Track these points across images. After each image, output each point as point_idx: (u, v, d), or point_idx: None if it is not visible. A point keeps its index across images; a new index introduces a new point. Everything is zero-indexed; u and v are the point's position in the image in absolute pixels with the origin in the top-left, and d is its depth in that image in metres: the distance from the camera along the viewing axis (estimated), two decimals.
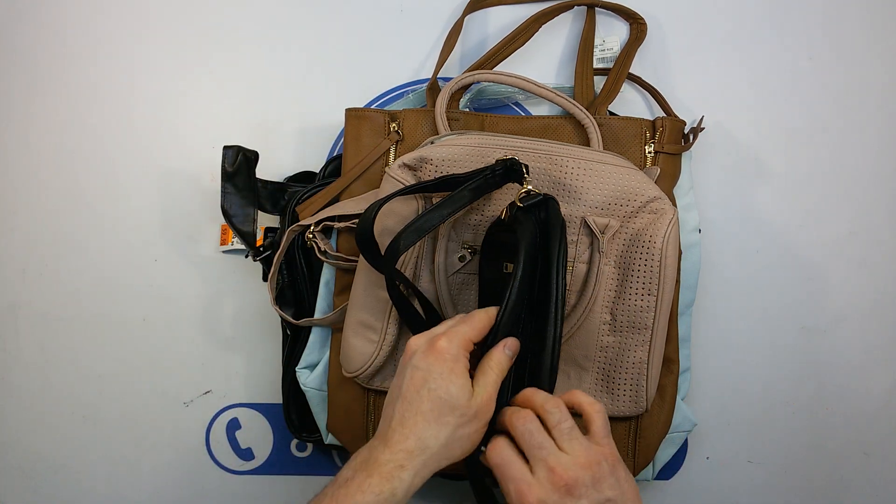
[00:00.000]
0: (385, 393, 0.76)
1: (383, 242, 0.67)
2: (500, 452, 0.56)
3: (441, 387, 0.55)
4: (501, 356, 0.58)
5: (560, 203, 0.73)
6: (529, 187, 0.64)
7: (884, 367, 0.90)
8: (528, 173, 0.66)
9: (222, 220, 0.86)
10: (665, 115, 0.85)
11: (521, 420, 0.56)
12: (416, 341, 0.58)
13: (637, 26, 0.86)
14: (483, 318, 0.59)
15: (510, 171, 0.67)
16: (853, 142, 0.90)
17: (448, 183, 0.68)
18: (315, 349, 0.81)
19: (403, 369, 0.58)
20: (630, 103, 0.88)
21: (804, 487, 0.90)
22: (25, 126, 0.89)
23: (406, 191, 0.67)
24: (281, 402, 0.85)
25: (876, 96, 0.90)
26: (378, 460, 0.54)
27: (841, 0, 0.90)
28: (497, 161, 0.67)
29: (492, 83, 0.83)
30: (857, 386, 0.90)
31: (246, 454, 0.90)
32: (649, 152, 0.79)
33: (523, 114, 0.88)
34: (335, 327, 0.79)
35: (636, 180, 0.72)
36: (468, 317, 0.59)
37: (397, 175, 0.71)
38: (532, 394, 0.59)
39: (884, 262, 0.90)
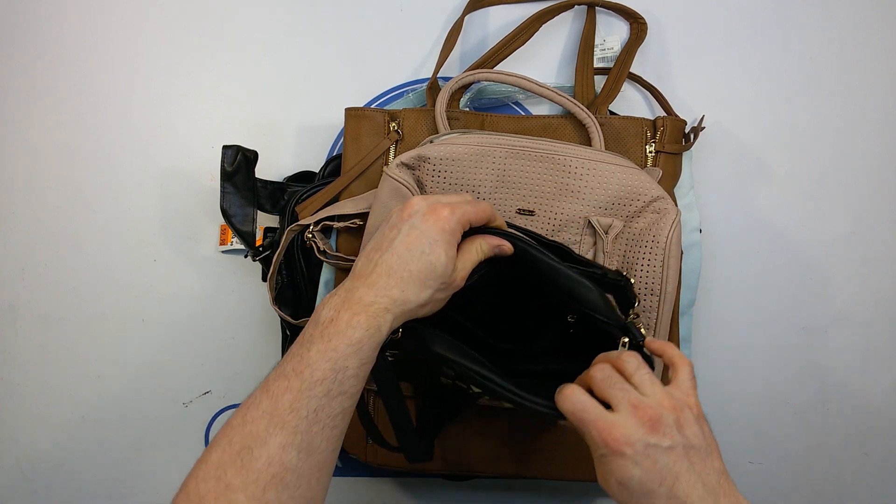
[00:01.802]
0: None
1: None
2: (575, 397, 0.54)
3: (434, 253, 0.57)
4: (487, 245, 0.61)
5: (563, 203, 0.73)
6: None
7: (884, 367, 0.90)
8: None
9: (221, 220, 0.86)
10: (666, 114, 0.85)
11: (598, 370, 0.56)
12: (419, 203, 0.59)
13: (637, 26, 0.86)
14: (487, 207, 0.61)
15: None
16: (854, 142, 0.89)
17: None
18: None
19: (400, 224, 0.58)
20: (631, 103, 0.88)
21: (804, 488, 0.90)
22: (25, 126, 0.89)
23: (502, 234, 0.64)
24: None
25: (876, 96, 0.90)
26: (363, 301, 0.55)
27: (841, 0, 0.90)
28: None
29: (492, 82, 0.83)
30: (858, 386, 0.90)
31: None
32: (650, 152, 0.78)
33: (524, 113, 0.87)
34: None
35: (639, 180, 0.72)
36: (474, 200, 0.61)
37: (396, 174, 0.71)
38: (605, 353, 0.58)
39: (884, 261, 0.90)
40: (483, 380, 0.58)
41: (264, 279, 0.83)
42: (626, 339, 0.59)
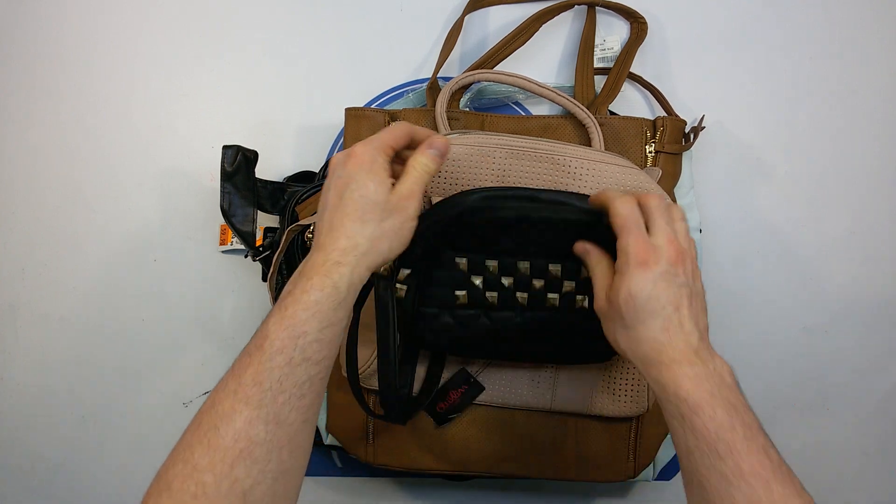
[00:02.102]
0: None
1: None
2: (631, 208, 0.59)
3: (361, 187, 0.57)
4: (423, 157, 0.61)
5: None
6: None
7: (884, 367, 0.90)
8: None
9: (221, 220, 0.86)
10: (666, 114, 0.85)
11: (652, 198, 0.61)
12: (337, 156, 0.60)
13: (638, 25, 0.86)
14: (401, 126, 0.62)
15: None
16: (854, 141, 0.89)
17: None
18: None
19: (329, 183, 0.59)
20: (631, 103, 0.88)
21: (805, 488, 0.90)
22: (25, 126, 0.89)
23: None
24: None
25: (877, 96, 0.90)
26: (315, 263, 0.56)
27: (841, 0, 0.90)
28: None
29: (492, 83, 0.83)
30: (858, 386, 0.90)
31: None
32: (650, 152, 0.78)
33: (523, 113, 0.87)
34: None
35: (639, 180, 0.72)
36: (391, 126, 0.62)
37: None
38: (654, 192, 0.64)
39: (885, 261, 0.90)
40: (520, 200, 0.64)
41: (264, 279, 0.83)
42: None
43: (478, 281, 0.68)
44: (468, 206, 0.65)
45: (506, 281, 0.67)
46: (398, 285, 0.67)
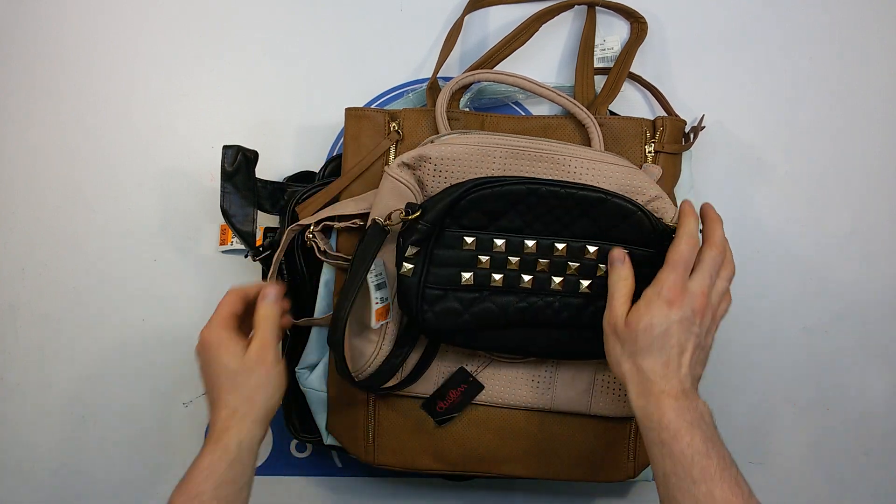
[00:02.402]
0: (384, 392, 0.76)
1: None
2: (690, 249, 0.65)
3: (219, 364, 0.67)
4: (263, 309, 0.69)
5: None
6: None
7: (884, 366, 0.90)
8: None
9: (222, 220, 0.86)
10: (666, 114, 0.85)
11: (719, 252, 0.66)
12: (196, 346, 0.70)
13: (638, 25, 0.86)
14: (230, 294, 0.70)
15: None
16: (854, 141, 0.90)
17: None
18: (315, 350, 0.81)
19: (200, 369, 0.70)
20: (631, 103, 0.88)
21: (805, 487, 0.90)
22: (25, 126, 0.89)
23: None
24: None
25: (876, 96, 0.90)
26: (209, 435, 0.65)
27: (842, 0, 0.90)
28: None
29: (492, 83, 0.83)
30: (858, 385, 0.90)
31: None
32: (650, 152, 0.78)
33: (523, 113, 0.87)
34: None
35: (638, 180, 0.72)
36: (221, 301, 0.70)
37: (396, 174, 0.71)
38: (719, 231, 0.67)
39: (885, 261, 0.90)
40: (531, 184, 0.67)
41: (264, 279, 0.82)
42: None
43: (485, 259, 0.68)
44: (478, 180, 0.67)
45: (513, 259, 0.69)
46: (405, 264, 0.68)
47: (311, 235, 0.76)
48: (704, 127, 0.82)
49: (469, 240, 0.68)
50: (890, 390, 0.90)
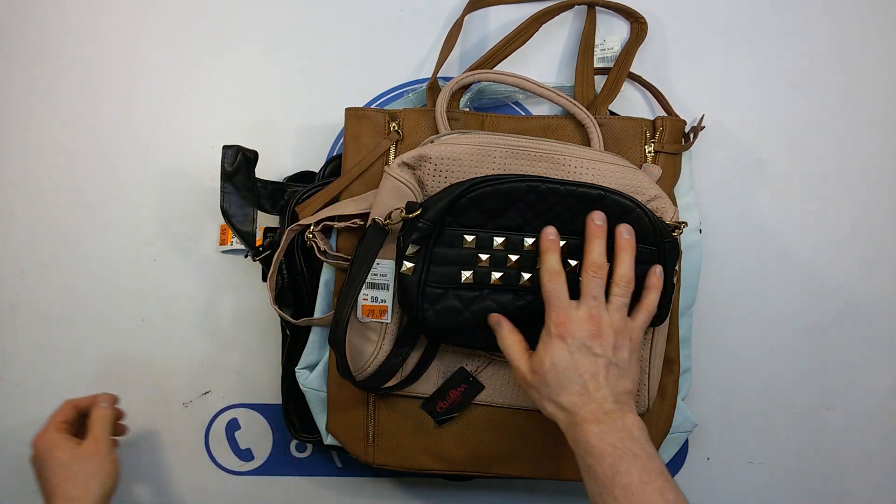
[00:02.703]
0: (384, 391, 0.76)
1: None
2: (558, 284, 0.66)
3: (53, 460, 0.73)
4: (97, 411, 0.77)
5: None
6: None
7: (885, 366, 0.90)
8: None
9: (222, 220, 0.86)
10: (665, 114, 0.85)
11: (595, 272, 0.66)
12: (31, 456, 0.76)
13: (638, 25, 0.86)
14: (64, 405, 0.78)
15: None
16: (854, 141, 0.89)
17: None
18: (315, 349, 0.81)
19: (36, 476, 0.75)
20: (631, 102, 0.88)
21: (805, 488, 0.90)
22: (25, 126, 0.89)
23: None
24: (280, 402, 0.85)
25: (877, 96, 0.90)
26: None
27: (842, 0, 0.90)
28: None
29: (492, 83, 0.83)
30: (858, 386, 0.90)
31: (245, 455, 0.90)
32: (649, 152, 0.79)
33: (523, 113, 0.87)
34: None
35: (637, 179, 0.72)
36: (54, 412, 0.78)
37: (397, 174, 0.71)
38: (623, 263, 0.67)
39: (885, 261, 0.90)
40: (531, 181, 0.67)
41: (264, 279, 0.82)
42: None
43: (484, 257, 0.69)
44: (478, 178, 0.68)
45: (513, 257, 0.69)
46: (405, 262, 0.69)
47: (311, 235, 0.76)
48: (704, 127, 0.82)
49: (469, 238, 0.68)
50: (890, 390, 0.90)
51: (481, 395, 0.77)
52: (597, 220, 0.67)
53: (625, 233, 0.67)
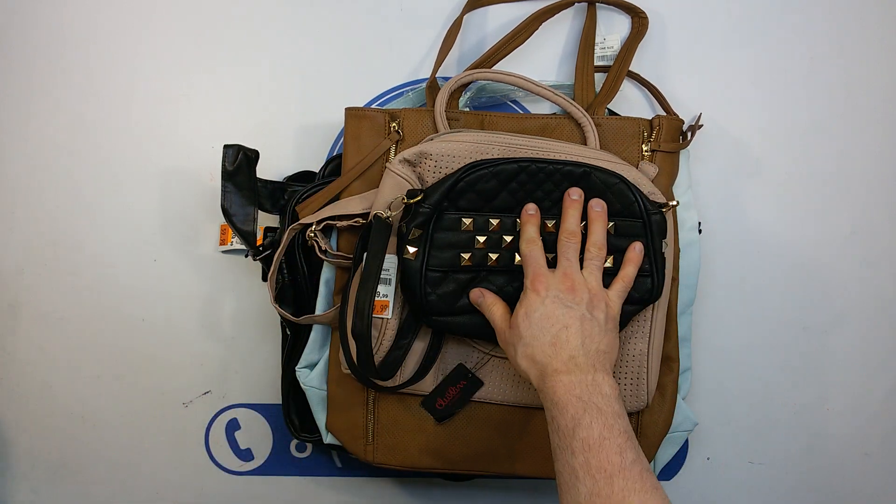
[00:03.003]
0: (388, 391, 0.76)
1: None
2: (535, 249, 0.69)
3: None
4: None
5: None
6: None
7: (885, 367, 0.90)
8: None
9: (222, 220, 0.86)
10: (664, 112, 0.85)
11: (568, 237, 0.69)
12: None
13: (638, 21, 0.86)
14: None
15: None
16: (854, 141, 0.90)
17: None
18: (315, 349, 0.81)
19: None
20: (630, 101, 0.88)
21: (805, 488, 0.90)
22: (25, 126, 0.89)
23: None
24: (280, 402, 0.85)
25: (877, 95, 0.90)
26: None
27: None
28: None
29: (491, 81, 0.83)
30: (858, 386, 0.90)
31: (245, 455, 0.90)
32: (647, 151, 0.79)
33: (522, 112, 0.88)
34: (335, 325, 0.79)
35: (632, 177, 0.72)
36: None
37: (398, 170, 0.71)
38: (595, 232, 0.70)
39: (885, 261, 0.90)
40: (521, 162, 0.70)
41: (264, 279, 0.83)
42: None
43: (482, 239, 0.71)
44: (474, 162, 0.71)
45: (507, 237, 0.71)
46: (408, 247, 0.70)
47: (311, 235, 0.76)
48: (702, 125, 0.82)
49: (467, 221, 0.70)
50: (890, 391, 0.90)
51: (481, 391, 0.77)
52: (573, 195, 0.70)
53: (595, 206, 0.70)
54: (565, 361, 0.62)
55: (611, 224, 0.71)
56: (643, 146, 0.79)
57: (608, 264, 0.71)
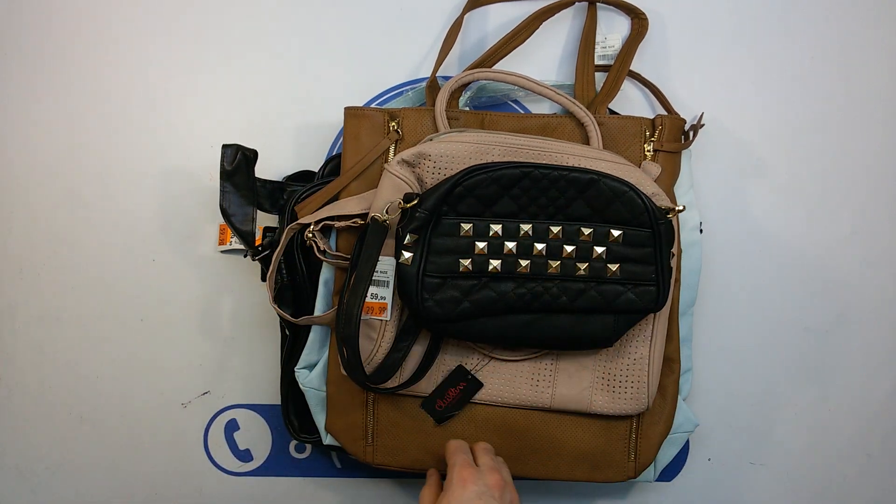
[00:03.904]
0: (387, 392, 0.76)
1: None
2: (459, 445, 0.73)
3: None
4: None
5: None
6: None
7: (886, 367, 0.90)
8: None
9: (221, 220, 0.86)
10: (665, 112, 0.85)
11: (483, 446, 0.75)
12: None
13: (639, 21, 0.86)
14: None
15: None
16: (855, 141, 0.89)
17: None
18: (314, 349, 0.80)
19: None
20: (631, 101, 0.88)
21: (806, 489, 0.90)
22: (24, 125, 0.89)
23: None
24: (279, 403, 0.85)
25: (878, 95, 0.90)
26: None
27: None
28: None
29: (491, 81, 0.83)
30: (860, 387, 0.90)
31: (244, 455, 0.89)
32: (648, 150, 0.78)
33: (523, 111, 0.87)
34: (334, 326, 0.78)
35: (635, 177, 0.72)
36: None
37: (396, 171, 0.71)
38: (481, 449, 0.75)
39: (886, 261, 0.89)
40: (524, 167, 0.68)
41: (263, 279, 0.82)
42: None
43: (482, 245, 0.69)
44: (473, 166, 0.69)
45: (509, 244, 0.69)
46: (403, 252, 0.69)
47: (310, 235, 0.76)
48: (703, 125, 0.82)
49: (466, 226, 0.69)
50: (892, 391, 0.90)
51: (480, 393, 0.77)
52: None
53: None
54: None
55: (619, 233, 0.70)
56: (645, 146, 0.79)
57: (615, 273, 0.70)
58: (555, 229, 0.70)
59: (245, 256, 0.85)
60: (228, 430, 0.89)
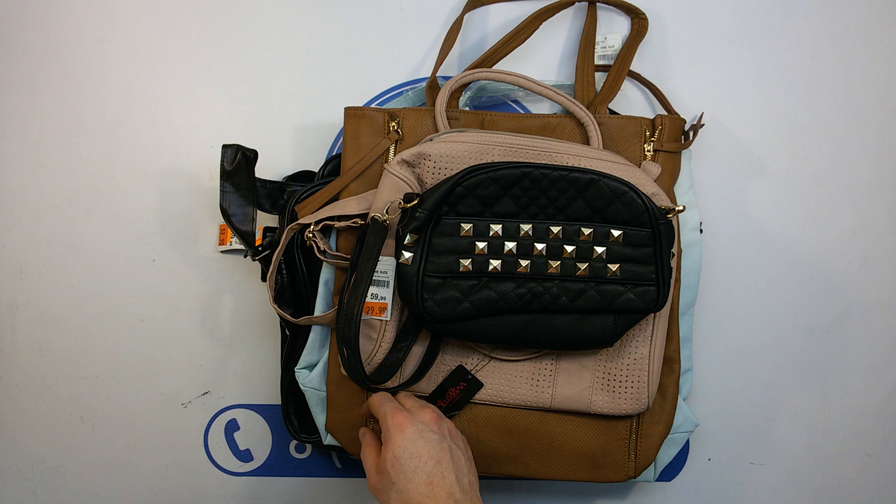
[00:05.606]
0: (387, 391, 0.75)
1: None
2: (382, 396, 0.70)
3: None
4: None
5: None
6: None
7: (886, 367, 0.90)
8: None
9: (221, 220, 0.86)
10: (665, 112, 0.85)
11: (403, 393, 0.73)
12: None
13: (638, 22, 0.86)
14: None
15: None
16: (856, 141, 0.89)
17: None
18: (314, 349, 0.80)
19: None
20: (631, 100, 0.88)
21: (806, 489, 0.90)
22: (24, 125, 0.89)
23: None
24: (279, 403, 0.85)
25: (878, 95, 0.90)
26: None
27: None
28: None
29: (491, 81, 0.83)
30: (860, 387, 0.90)
31: (244, 455, 0.89)
32: (649, 150, 0.78)
33: (523, 111, 0.87)
34: (334, 326, 0.78)
35: (635, 177, 0.72)
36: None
37: (396, 171, 0.71)
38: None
39: (886, 261, 0.89)
40: (524, 167, 0.68)
41: (263, 279, 0.82)
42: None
43: (482, 245, 0.69)
44: (473, 166, 0.69)
45: (510, 244, 0.69)
46: (403, 252, 0.69)
47: (310, 235, 0.76)
48: (703, 125, 0.82)
49: (466, 226, 0.69)
50: (891, 391, 0.90)
51: (480, 393, 0.77)
52: None
53: None
54: (444, 499, 0.61)
55: (619, 233, 0.70)
56: (645, 146, 0.79)
57: (615, 273, 0.70)
58: (555, 229, 0.70)
59: (245, 256, 0.85)
60: (228, 430, 0.89)
